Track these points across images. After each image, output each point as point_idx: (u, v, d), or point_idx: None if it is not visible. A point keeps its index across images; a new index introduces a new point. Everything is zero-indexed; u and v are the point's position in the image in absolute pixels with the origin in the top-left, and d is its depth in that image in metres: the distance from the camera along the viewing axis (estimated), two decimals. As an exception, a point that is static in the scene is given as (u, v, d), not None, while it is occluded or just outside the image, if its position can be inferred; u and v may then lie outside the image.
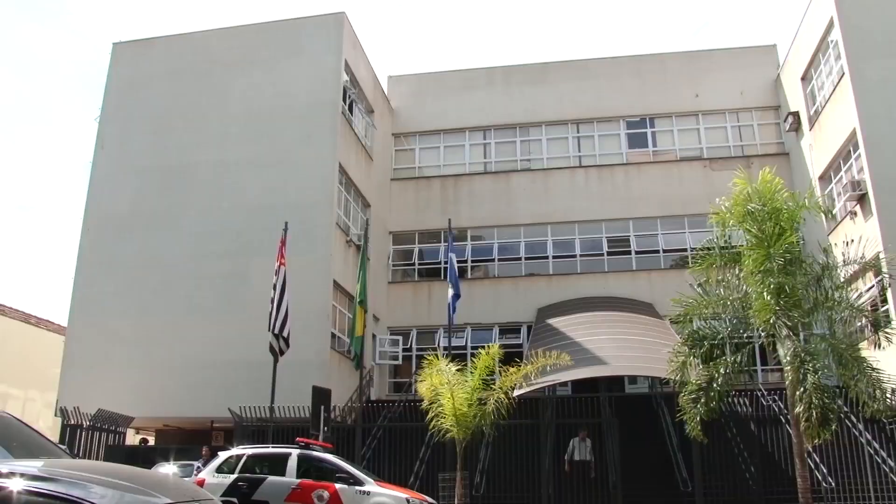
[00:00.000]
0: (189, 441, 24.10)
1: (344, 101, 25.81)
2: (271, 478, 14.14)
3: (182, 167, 25.24)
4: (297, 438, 15.30)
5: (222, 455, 15.05)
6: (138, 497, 5.42)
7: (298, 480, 13.95)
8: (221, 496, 13.43)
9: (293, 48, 26.08)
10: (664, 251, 28.76)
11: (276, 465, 14.42)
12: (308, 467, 14.33)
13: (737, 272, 15.24)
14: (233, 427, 20.92)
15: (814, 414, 12.79)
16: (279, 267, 19.20)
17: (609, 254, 29.01)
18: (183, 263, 24.02)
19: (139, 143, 25.97)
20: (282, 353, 18.71)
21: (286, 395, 18.92)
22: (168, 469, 18.32)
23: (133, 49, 27.90)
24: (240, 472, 14.32)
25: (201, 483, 13.83)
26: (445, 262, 25.19)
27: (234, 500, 13.68)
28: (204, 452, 19.40)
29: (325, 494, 13.64)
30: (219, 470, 14.52)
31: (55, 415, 22.09)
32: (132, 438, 25.45)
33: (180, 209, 24.75)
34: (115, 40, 30.16)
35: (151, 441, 26.56)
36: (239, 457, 14.72)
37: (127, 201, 25.31)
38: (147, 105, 26.48)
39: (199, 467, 17.15)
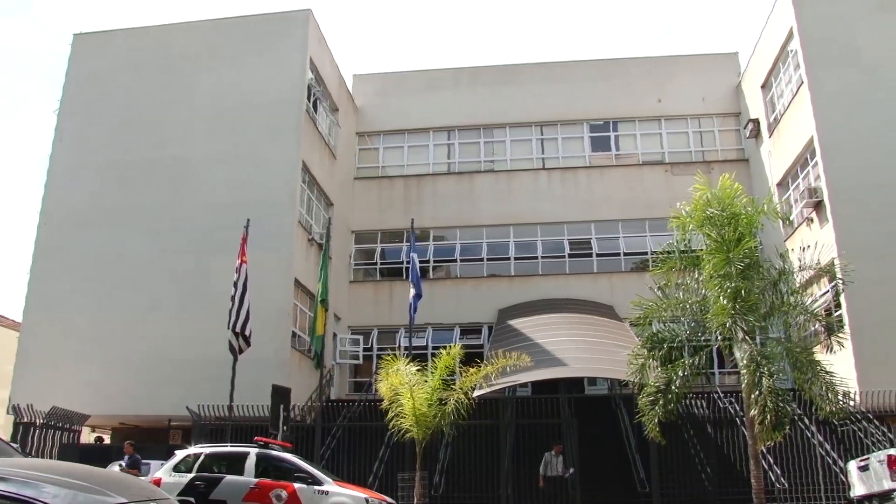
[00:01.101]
0: (146, 439, 23.80)
1: (308, 98, 25.68)
2: (229, 477, 14.03)
3: (144, 162, 24.89)
4: (256, 437, 15.20)
5: (180, 454, 14.90)
6: (92, 497, 5.33)
7: (257, 480, 13.85)
8: (178, 495, 13.28)
9: (258, 44, 25.88)
10: (625, 254, 29.02)
11: (235, 464, 14.32)
12: (267, 466, 14.24)
13: (696, 276, 15.45)
14: (191, 425, 20.72)
15: (769, 416, 13.04)
16: (240, 264, 19.06)
17: (571, 256, 29.19)
18: (143, 260, 23.71)
19: (100, 138, 25.57)
20: (241, 351, 18.57)
21: (245, 393, 18.80)
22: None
23: (95, 41, 27.46)
24: (197, 470, 14.18)
25: (158, 482, 13.67)
26: (407, 262, 25.16)
27: (191, 499, 13.55)
28: (126, 450, 18.94)
29: (284, 494, 13.57)
30: (176, 469, 14.36)
31: (7, 412, 21.71)
32: (87, 437, 25.06)
33: (141, 205, 24.41)
34: (76, 31, 29.61)
35: (107, 440, 26.19)
36: (196, 455, 14.59)
37: (86, 196, 24.91)
38: (108, 98, 26.08)
39: (122, 466, 16.62)
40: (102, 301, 23.55)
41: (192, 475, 14.08)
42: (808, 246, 18.81)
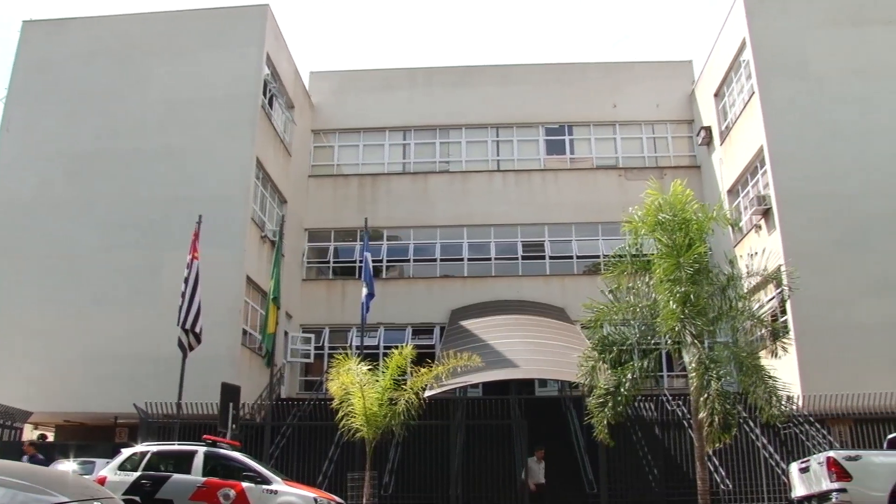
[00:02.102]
0: (91, 437, 23.40)
1: (264, 94, 25.47)
2: (176, 476, 13.83)
3: (94, 154, 24.42)
4: (204, 436, 15.02)
5: (125, 452, 14.66)
6: (33, 496, 5.22)
7: (204, 479, 13.67)
8: (123, 494, 13.06)
9: (215, 38, 25.59)
10: (577, 257, 29.28)
11: (182, 462, 14.11)
12: (215, 465, 14.06)
13: (647, 280, 15.66)
14: (138, 423, 20.42)
15: (716, 419, 13.29)
16: (192, 260, 18.82)
17: (524, 258, 29.37)
18: (91, 253, 23.28)
19: (48, 127, 25.02)
20: (191, 348, 18.34)
21: (194, 391, 18.56)
22: (67, 466, 17.73)
23: (45, 28, 26.87)
24: (143, 469, 13.94)
25: (102, 481, 13.44)
26: (360, 261, 25.08)
27: (137, 498, 13.35)
28: (26, 450, 18.46)
29: (232, 493, 13.43)
30: (121, 467, 14.10)
31: (-54, 409, 21.17)
32: (30, 434, 24.53)
33: (90, 197, 23.95)
34: (25, 17, 28.98)
35: (50, 437, 25.67)
36: (143, 454, 14.35)
37: (32, 187, 24.36)
38: (58, 88, 25.54)
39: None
40: (47, 295, 23.05)
41: (137, 474, 13.85)
42: (756, 252, 19.20)
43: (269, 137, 26.01)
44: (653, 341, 15.62)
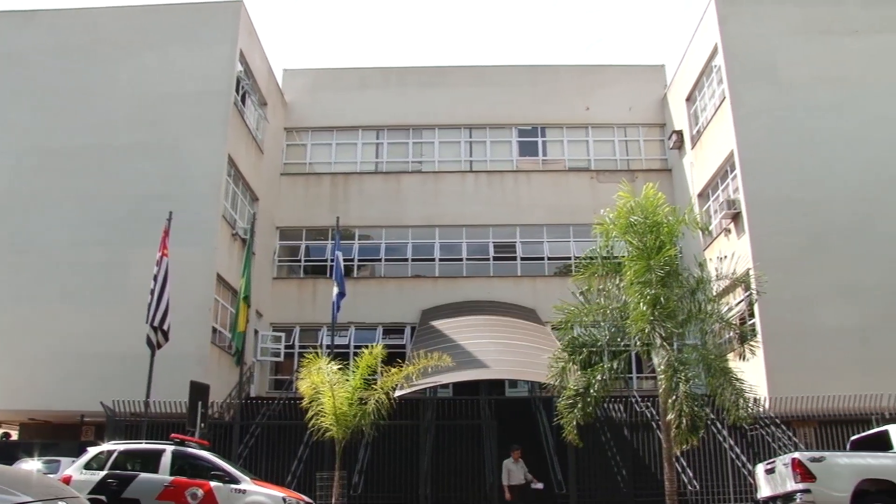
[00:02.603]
0: (56, 436, 23.09)
1: (237, 91, 25.31)
2: (143, 475, 13.71)
3: (62, 149, 24.03)
4: (172, 435, 14.90)
5: (92, 451, 14.50)
6: (-5, 495, 5.18)
7: (172, 478, 13.56)
8: (89, 494, 12.92)
9: (187, 33, 25.34)
10: (549, 258, 29.41)
11: (149, 461, 13.98)
12: (182, 464, 13.94)
13: (617, 282, 15.77)
14: (104, 422, 20.21)
15: (684, 420, 13.41)
16: (161, 258, 18.68)
17: (495, 259, 29.44)
18: (59, 250, 22.93)
19: (16, 122, 24.64)
20: (160, 346, 18.20)
21: (163, 389, 18.39)
22: (32, 465, 17.50)
23: (12, 20, 26.40)
24: (110, 468, 13.79)
25: (67, 480, 13.28)
26: (332, 260, 25.01)
27: (103, 497, 13.21)
28: None
29: (200, 493, 13.34)
30: (87, 466, 13.94)
31: None
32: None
33: (59, 193, 23.58)
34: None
35: (14, 435, 25.33)
36: (110, 453, 14.20)
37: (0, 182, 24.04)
38: (26, 81, 25.12)
39: None
40: (13, 291, 22.72)
41: (104, 473, 13.70)
42: (726, 256, 19.42)
43: (242, 135, 25.85)
44: (622, 343, 15.72)
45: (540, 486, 17.54)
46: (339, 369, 16.48)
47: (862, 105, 23.67)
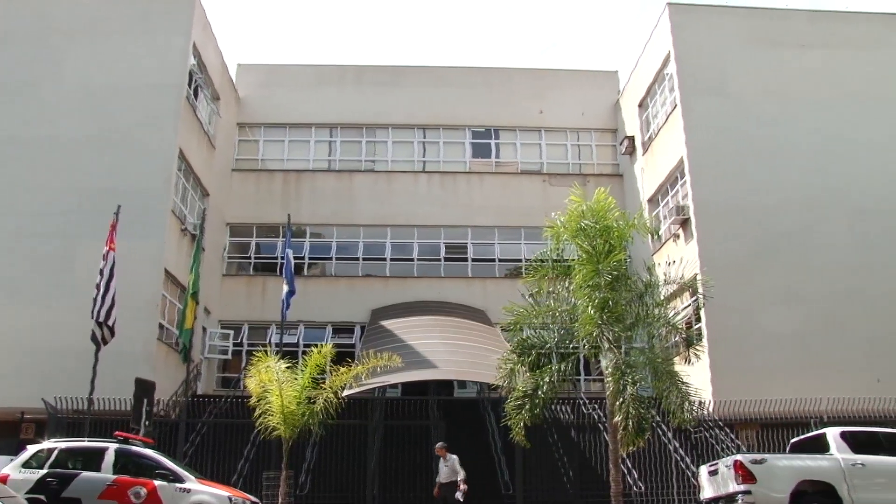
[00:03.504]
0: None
1: (189, 85, 24.95)
2: (85, 473, 13.46)
3: (6, 140, 23.22)
4: (116, 433, 14.66)
5: (31, 449, 14.18)
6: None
7: (114, 476, 13.34)
8: (27, 493, 12.67)
9: (140, 24, 24.82)
10: (499, 260, 29.56)
11: (91, 460, 13.73)
12: (126, 463, 13.74)
13: (567, 285, 15.93)
14: (45, 419, 19.77)
15: (631, 422, 13.63)
16: (108, 252, 18.33)
17: (446, 259, 29.50)
18: (2, 241, 22.24)
19: (-42, 110, 23.98)
20: (105, 342, 17.87)
21: (107, 386, 18.05)
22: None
23: (-47, 6, 25.67)
24: (50, 467, 13.49)
25: (4, 479, 12.98)
26: (282, 258, 24.84)
27: (42, 497, 12.95)
28: None
29: (143, 492, 13.16)
30: (26, 465, 13.59)
31: None
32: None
33: (3, 184, 22.75)
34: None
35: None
36: (50, 451, 13.88)
37: (-59, 172, 23.34)
38: (-33, 69, 24.45)
39: None
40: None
41: (43, 471, 13.40)
42: (674, 261, 19.71)
43: (193, 129, 25.51)
44: (571, 345, 15.90)
45: (458, 496, 16.91)
46: (288, 368, 16.41)
47: (806, 117, 24.33)
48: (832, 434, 14.50)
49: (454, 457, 17.22)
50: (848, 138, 24.19)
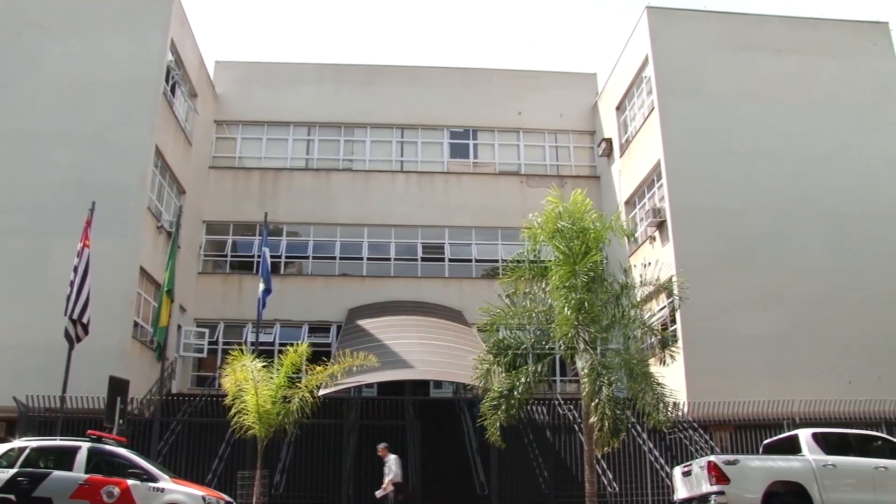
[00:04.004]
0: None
1: (167, 81, 24.77)
2: (57, 473, 13.29)
3: (-21, 134, 23.14)
4: (89, 431, 14.52)
5: (1, 447, 13.98)
6: None
7: (87, 476, 13.19)
8: (-4, 493, 12.56)
9: (117, 19, 24.57)
10: (476, 261, 29.60)
11: (63, 458, 13.56)
12: (99, 462, 13.59)
13: (543, 286, 16.00)
14: (17, 417, 19.54)
15: (606, 423, 13.71)
16: (82, 248, 18.14)
17: (423, 259, 29.49)
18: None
19: (-70, 103, 23.64)
20: (79, 339, 17.67)
21: (81, 384, 17.86)
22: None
23: (-71, -1, 25.32)
24: (21, 466, 13.30)
25: (-28, 479, 12.84)
26: (259, 256, 24.73)
27: (12, 497, 12.79)
28: None
29: (116, 491, 13.03)
30: (-4, 463, 13.48)
31: None
32: None
33: (-26, 179, 22.69)
34: None
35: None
36: (21, 449, 13.70)
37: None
38: (-60, 62, 24.11)
39: None
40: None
41: (14, 470, 13.21)
42: (650, 263, 19.86)
43: (170, 126, 25.33)
44: (547, 346, 15.97)
45: (378, 493, 16.99)
46: (264, 367, 16.35)
47: (781, 121, 24.62)
48: (804, 435, 14.69)
49: (393, 457, 17.25)
50: (822, 143, 24.54)
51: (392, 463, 17.14)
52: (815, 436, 14.67)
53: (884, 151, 24.87)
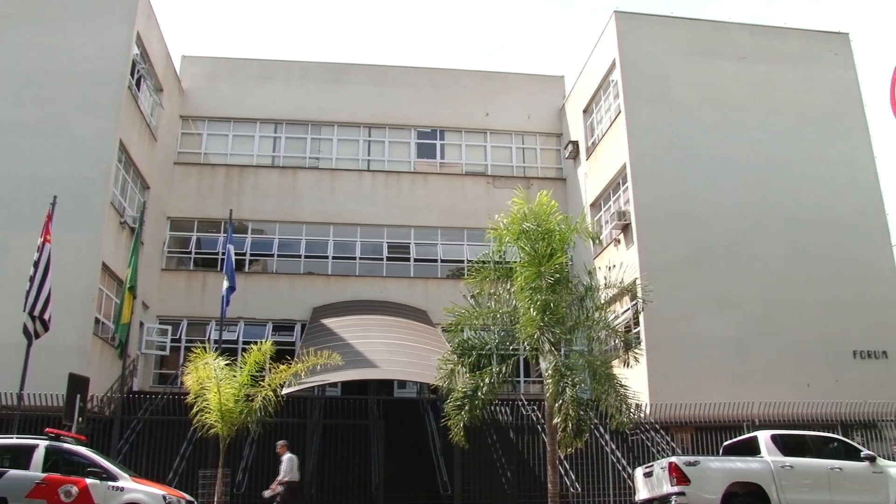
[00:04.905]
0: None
1: (132, 75, 24.47)
2: (12, 472, 13.03)
3: (-64, 125, 22.67)
4: (47, 429, 14.30)
5: (-44, 446, 13.73)
6: None
7: (44, 475, 12.97)
8: (-52, 493, 12.32)
9: (82, 10, 24.21)
10: (442, 261, 29.63)
11: (20, 457, 13.28)
12: (57, 460, 13.38)
13: (508, 287, 16.09)
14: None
15: (570, 424, 13.81)
16: (43, 243, 17.83)
17: (389, 259, 29.46)
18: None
19: None
20: (38, 336, 17.37)
21: (39, 381, 17.59)
22: None
23: None
24: (-25, 465, 13.13)
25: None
26: (223, 253, 24.53)
27: (-36, 496, 12.58)
28: None
29: (74, 490, 12.85)
30: (-51, 463, 13.20)
31: None
32: None
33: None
34: None
35: None
36: (-24, 448, 13.51)
37: None
38: None
39: None
40: None
41: (-32, 470, 13.02)
42: (615, 266, 20.01)
43: (135, 120, 25.03)
44: (511, 347, 16.04)
45: (266, 493, 16.82)
46: (227, 365, 16.23)
47: (744, 127, 25.01)
48: (763, 437, 14.95)
49: (288, 456, 17.01)
50: (784, 149, 24.94)
51: (286, 462, 16.92)
52: (773, 437, 14.95)
53: (843, 159, 25.36)
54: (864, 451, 15.13)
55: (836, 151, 25.39)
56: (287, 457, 17.01)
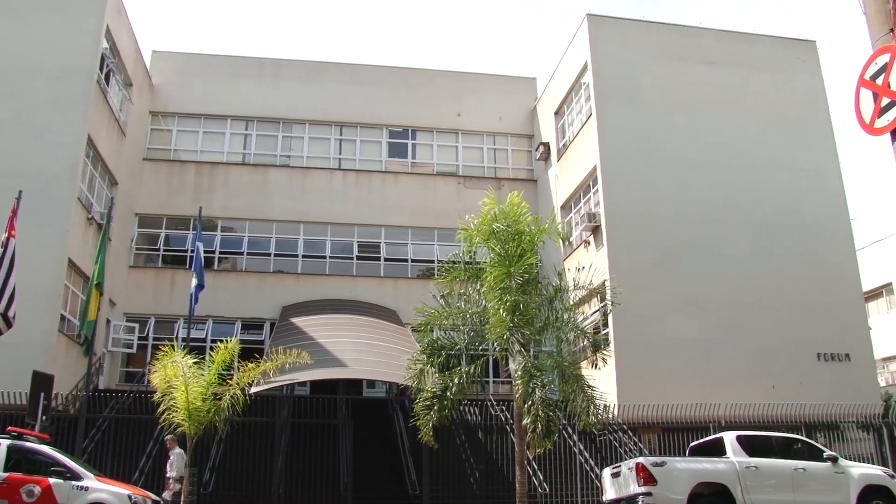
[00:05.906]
0: None
1: (101, 69, 24.15)
2: (-27, 471, 12.91)
3: None
4: (9, 428, 14.11)
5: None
6: None
7: (6, 474, 12.81)
8: None
9: (50, 2, 23.81)
10: (412, 261, 29.63)
11: (-19, 457, 13.18)
12: (19, 459, 13.24)
13: (478, 287, 16.14)
14: (-67, 412, 18.90)
15: (539, 425, 13.88)
16: (7, 239, 17.54)
17: (359, 258, 29.40)
18: None
19: None
20: (1, 332, 17.14)
21: (3, 379, 17.54)
22: None
23: None
24: (-66, 464, 12.91)
25: None
26: (192, 251, 24.33)
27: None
28: None
29: (37, 490, 12.70)
30: None
31: None
32: None
33: None
34: None
35: None
36: (-64, 446, 13.30)
37: None
38: None
39: None
40: None
41: (-74, 470, 12.80)
42: (584, 267, 20.13)
43: (103, 115, 24.74)
44: (481, 347, 16.08)
45: (166, 495, 16.30)
46: (195, 363, 16.08)
47: (712, 131, 25.32)
48: (729, 438, 15.14)
49: (178, 452, 16.64)
50: (751, 154, 25.25)
51: (175, 458, 16.61)
52: (739, 438, 15.16)
53: (808, 165, 25.73)
54: (827, 452, 15.42)
55: (802, 156, 25.76)
56: (178, 452, 16.64)
